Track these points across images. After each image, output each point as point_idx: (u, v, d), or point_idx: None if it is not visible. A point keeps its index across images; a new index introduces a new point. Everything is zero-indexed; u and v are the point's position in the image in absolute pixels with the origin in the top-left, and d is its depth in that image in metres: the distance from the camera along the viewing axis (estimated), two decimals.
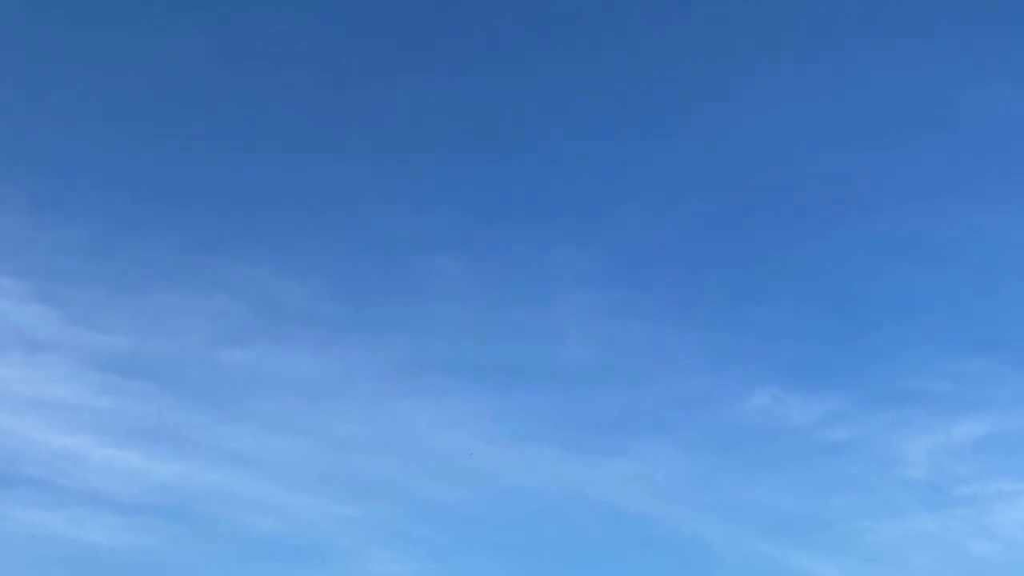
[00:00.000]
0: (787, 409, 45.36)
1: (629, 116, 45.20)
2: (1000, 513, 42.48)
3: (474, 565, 41.24)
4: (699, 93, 43.04)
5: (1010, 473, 42.68)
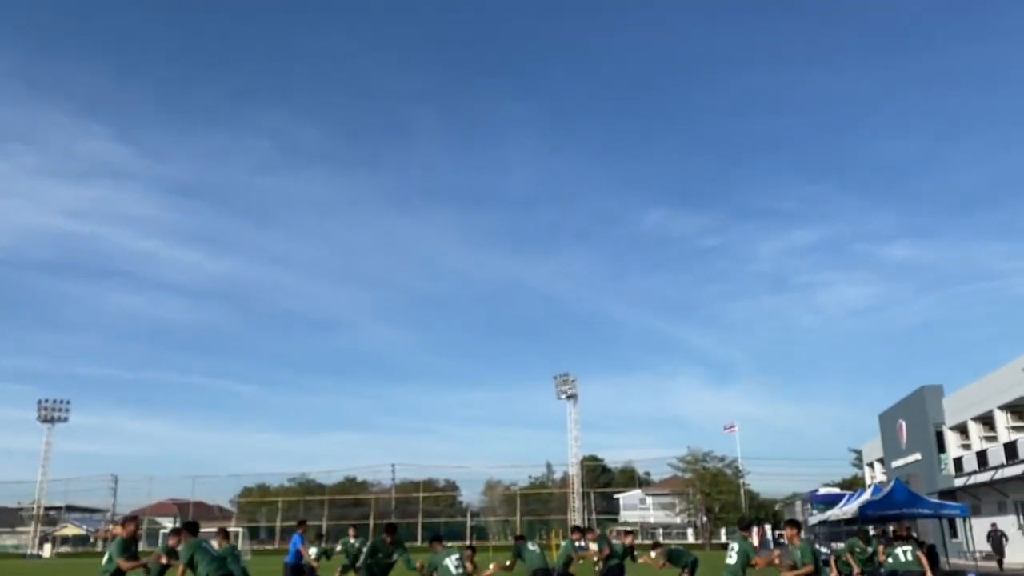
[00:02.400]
0: (674, 223, 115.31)
1: None
2: (824, 296, 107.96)
3: (448, 334, 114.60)
4: None
5: (834, 267, 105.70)
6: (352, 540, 20.66)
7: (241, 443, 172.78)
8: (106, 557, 11.47)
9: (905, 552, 16.57)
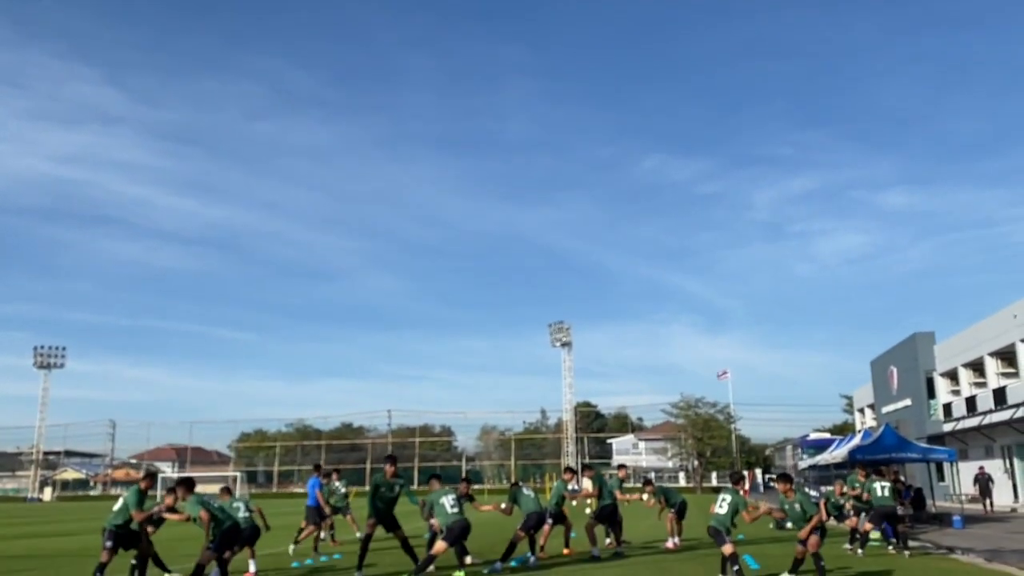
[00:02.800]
0: (670, 170, 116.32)
1: None
2: (819, 244, 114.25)
3: (442, 284, 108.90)
4: None
5: (830, 215, 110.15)
6: (336, 484, 20.71)
7: (238, 390, 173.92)
8: (118, 503, 11.70)
9: (883, 487, 16.84)
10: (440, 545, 12.58)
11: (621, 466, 20.88)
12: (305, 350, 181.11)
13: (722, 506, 12.00)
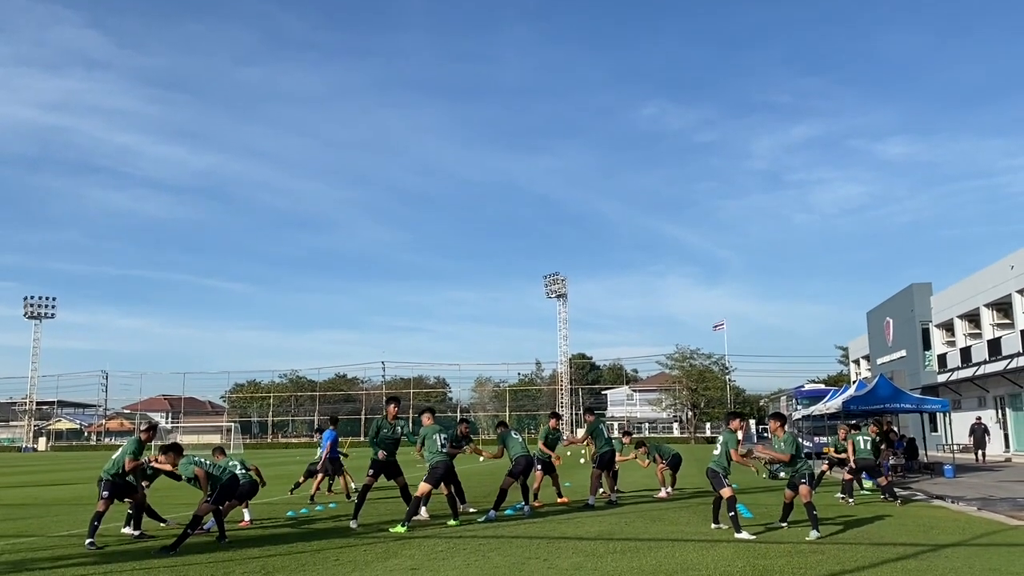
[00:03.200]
0: (669, 117, 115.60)
1: None
2: (818, 194, 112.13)
3: (437, 234, 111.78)
4: None
5: (828, 165, 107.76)
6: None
7: (230, 340, 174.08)
8: (117, 454, 11.71)
9: (865, 441, 17.03)
10: (424, 486, 12.58)
11: (626, 433, 21.21)
12: (297, 301, 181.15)
13: (717, 447, 12.04)
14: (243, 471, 12.53)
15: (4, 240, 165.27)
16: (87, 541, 10.78)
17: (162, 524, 12.91)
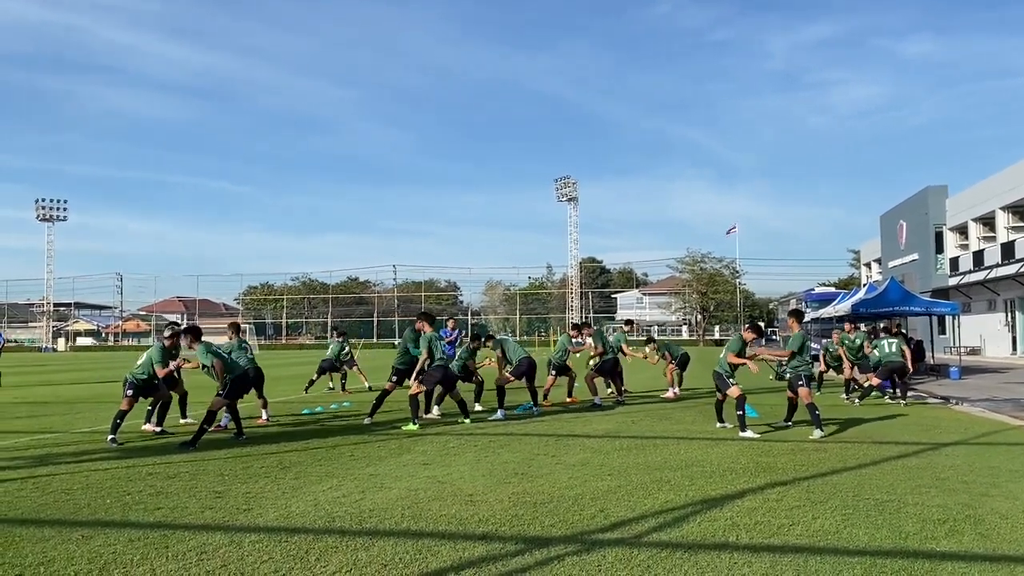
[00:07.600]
0: (683, 14, 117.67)
1: None
2: (835, 96, 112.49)
3: (439, 135, 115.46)
4: None
5: (847, 65, 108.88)
6: (338, 340, 20.92)
7: (242, 243, 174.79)
8: (142, 358, 11.96)
9: (890, 344, 16.99)
10: (415, 387, 12.84)
11: (628, 321, 21.22)
12: (306, 203, 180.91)
13: (724, 352, 12.17)
14: (248, 357, 12.96)
15: (8, 141, 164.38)
16: (109, 438, 11.09)
17: (182, 421, 13.24)
